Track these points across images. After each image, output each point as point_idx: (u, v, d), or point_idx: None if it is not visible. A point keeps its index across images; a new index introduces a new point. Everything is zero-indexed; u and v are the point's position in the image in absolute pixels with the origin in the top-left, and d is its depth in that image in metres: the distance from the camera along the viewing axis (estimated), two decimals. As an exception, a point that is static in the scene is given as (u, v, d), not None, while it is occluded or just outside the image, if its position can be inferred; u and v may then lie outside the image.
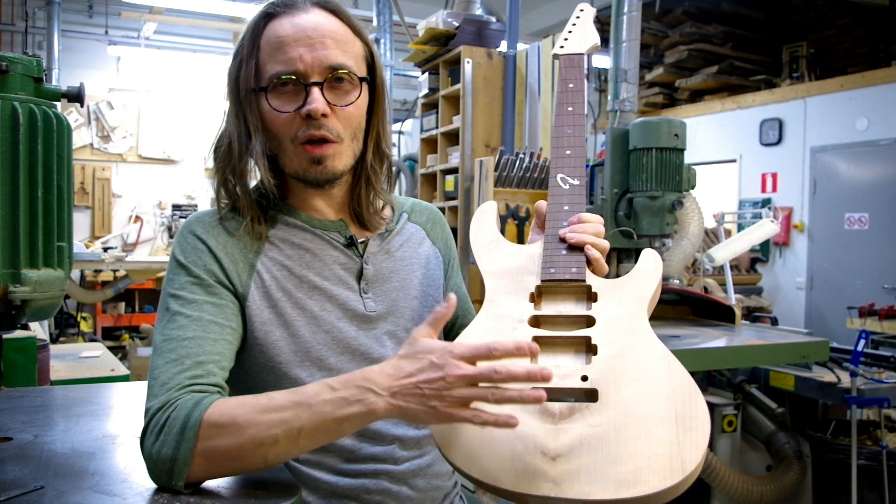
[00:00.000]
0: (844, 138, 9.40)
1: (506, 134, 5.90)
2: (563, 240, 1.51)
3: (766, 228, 4.98)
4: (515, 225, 4.88)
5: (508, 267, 1.54)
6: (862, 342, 4.01)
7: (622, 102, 4.83)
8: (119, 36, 11.48)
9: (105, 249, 8.89)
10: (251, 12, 1.56)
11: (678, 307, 4.49)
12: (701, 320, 4.39)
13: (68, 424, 1.70)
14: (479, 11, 6.76)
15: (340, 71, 1.51)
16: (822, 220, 9.67)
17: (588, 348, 1.34)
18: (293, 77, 1.48)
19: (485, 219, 1.66)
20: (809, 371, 4.20)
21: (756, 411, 4.39)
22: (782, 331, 4.62)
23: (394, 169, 6.00)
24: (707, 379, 4.51)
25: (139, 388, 2.18)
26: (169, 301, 1.46)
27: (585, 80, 1.74)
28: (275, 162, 1.56)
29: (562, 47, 1.80)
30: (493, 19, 6.40)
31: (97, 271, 9.87)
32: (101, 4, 11.16)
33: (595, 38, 1.79)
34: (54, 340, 8.20)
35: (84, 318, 10.24)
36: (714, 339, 3.83)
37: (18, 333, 2.61)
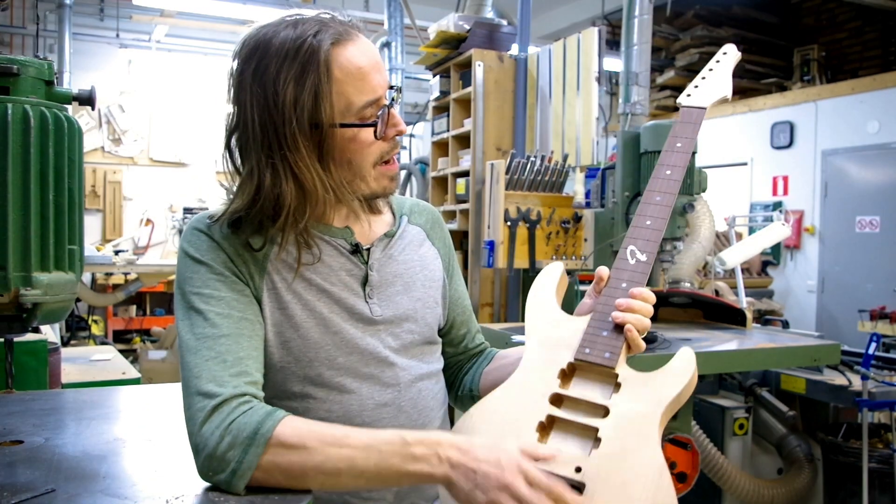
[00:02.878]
0: (855, 141, 9.37)
1: (517, 137, 5.90)
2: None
3: (778, 231, 4.96)
4: (527, 228, 4.88)
5: (550, 336, 1.54)
6: (873, 345, 4.00)
7: (633, 105, 4.83)
8: (130, 39, 11.54)
9: (116, 252, 8.92)
10: (262, 15, 1.55)
11: (689, 310, 4.48)
12: (712, 323, 4.38)
13: (79, 427, 1.71)
14: (490, 14, 6.77)
15: (391, 85, 1.56)
16: (834, 223, 9.64)
17: (595, 439, 1.37)
18: (374, 104, 1.51)
19: (547, 282, 1.66)
20: (820, 374, 4.19)
21: (767, 414, 4.38)
22: (793, 334, 4.61)
23: (404, 172, 5.99)
24: (718, 382, 4.51)
25: (150, 392, 2.18)
26: (192, 299, 1.46)
27: (695, 140, 1.71)
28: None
29: (689, 95, 1.75)
30: (505, 22, 6.40)
31: (108, 274, 9.91)
32: (112, 7, 11.21)
33: (726, 91, 1.75)
34: (65, 343, 8.22)
35: (95, 322, 10.28)
36: (725, 342, 3.82)
37: (30, 336, 2.62)
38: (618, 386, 1.43)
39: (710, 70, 1.78)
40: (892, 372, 4.25)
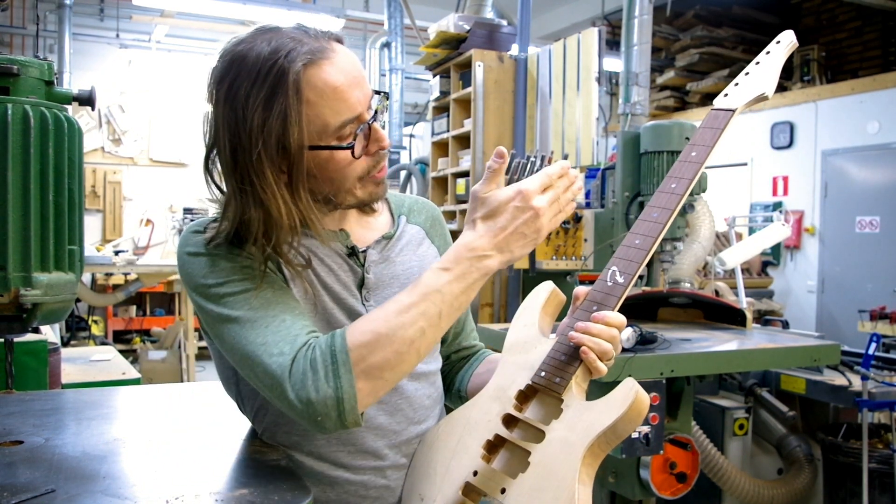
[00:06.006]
0: (856, 141, 9.37)
1: (517, 137, 5.90)
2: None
3: (777, 232, 4.96)
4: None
5: (520, 357, 1.55)
6: (873, 345, 4.00)
7: (633, 106, 4.83)
8: (130, 39, 11.55)
9: (116, 253, 8.91)
10: (261, 15, 1.52)
11: (689, 310, 4.48)
12: (712, 323, 4.38)
13: (79, 428, 1.71)
14: (490, 14, 6.76)
15: (374, 96, 1.53)
16: (834, 224, 9.65)
17: (527, 463, 1.40)
18: (354, 122, 1.47)
19: (532, 303, 1.63)
20: (820, 374, 4.19)
21: (767, 415, 4.38)
22: (793, 334, 4.61)
23: (404, 172, 6.00)
24: (718, 382, 4.51)
25: (150, 392, 2.19)
26: (222, 289, 1.44)
27: (714, 147, 1.55)
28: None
29: (726, 96, 1.61)
30: (505, 22, 6.40)
31: (108, 275, 9.92)
32: (112, 8, 11.22)
33: (767, 87, 1.58)
34: (65, 344, 8.22)
35: (95, 322, 10.28)
36: (725, 342, 3.82)
37: (30, 336, 2.62)
38: (561, 412, 1.43)
39: (757, 64, 1.63)
40: (892, 372, 4.25)
